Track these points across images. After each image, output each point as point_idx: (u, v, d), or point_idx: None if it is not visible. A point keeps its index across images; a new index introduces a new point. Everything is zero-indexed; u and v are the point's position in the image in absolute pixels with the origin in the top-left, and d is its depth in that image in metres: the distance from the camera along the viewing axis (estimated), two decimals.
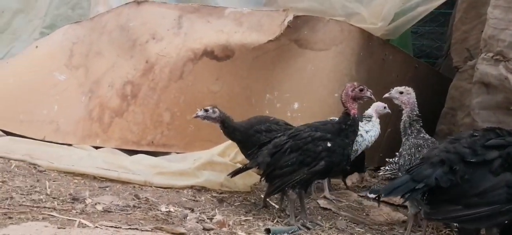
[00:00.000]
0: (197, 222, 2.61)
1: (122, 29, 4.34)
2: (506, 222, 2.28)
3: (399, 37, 5.02)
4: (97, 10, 4.76)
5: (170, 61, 4.12)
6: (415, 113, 2.87)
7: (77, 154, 3.52)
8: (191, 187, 3.20)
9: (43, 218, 2.38)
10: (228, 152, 3.65)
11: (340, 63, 4.16)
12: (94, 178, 3.23)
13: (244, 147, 3.20)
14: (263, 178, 2.91)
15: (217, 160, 3.33)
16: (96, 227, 2.19)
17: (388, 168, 3.07)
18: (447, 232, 2.93)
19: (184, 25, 4.23)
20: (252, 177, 3.32)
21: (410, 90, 2.96)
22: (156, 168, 3.31)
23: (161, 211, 2.69)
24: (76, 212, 2.50)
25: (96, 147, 3.94)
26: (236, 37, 4.13)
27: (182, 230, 2.35)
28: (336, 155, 2.66)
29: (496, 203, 2.19)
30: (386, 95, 3.08)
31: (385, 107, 3.51)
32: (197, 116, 3.16)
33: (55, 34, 4.68)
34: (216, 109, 3.14)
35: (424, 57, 6.20)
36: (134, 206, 2.70)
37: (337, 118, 3.48)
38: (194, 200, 3.00)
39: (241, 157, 3.63)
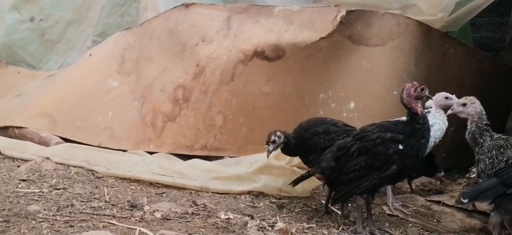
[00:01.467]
0: (258, 230, 2.51)
1: (171, 33, 4.33)
2: None
3: (459, 29, 4.70)
4: (146, 16, 4.80)
5: (220, 63, 4.06)
6: (484, 122, 2.61)
7: (133, 159, 3.53)
8: (248, 192, 3.11)
9: (103, 227, 2.35)
10: (284, 155, 3.51)
11: (397, 58, 3.93)
12: (150, 184, 3.21)
13: (302, 153, 3.06)
14: (326, 184, 2.76)
15: (274, 163, 3.22)
16: None
17: None
18: None
19: (233, 26, 4.16)
20: (311, 182, 3.17)
21: (473, 98, 2.72)
22: (211, 172, 3.24)
23: (220, 218, 2.60)
24: (135, 219, 2.46)
25: (150, 152, 3.94)
26: (287, 36, 4.01)
27: None
28: (409, 158, 2.46)
29: None
30: (449, 112, 2.84)
31: (446, 98, 3.21)
32: (270, 152, 2.99)
33: (106, 42, 4.77)
34: (280, 133, 2.99)
35: (484, 49, 5.79)
36: (192, 213, 2.63)
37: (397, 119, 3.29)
38: (252, 206, 2.90)
39: (297, 159, 3.50)
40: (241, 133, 4.01)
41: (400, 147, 2.45)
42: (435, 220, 3.04)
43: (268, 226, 2.58)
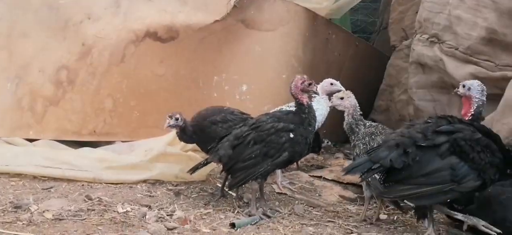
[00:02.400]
0: (157, 221, 2.52)
1: (50, 7, 3.93)
2: (448, 200, 2.49)
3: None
4: None
5: (109, 43, 3.84)
6: (358, 113, 2.93)
7: (11, 151, 3.19)
8: (144, 181, 3.06)
9: None
10: (178, 142, 3.51)
11: (287, 44, 4.17)
12: (34, 178, 2.96)
13: (201, 142, 3.11)
14: (223, 170, 2.87)
15: (170, 151, 3.20)
16: None
17: None
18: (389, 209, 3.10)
19: (123, 4, 3.94)
20: (207, 166, 3.24)
21: (349, 93, 3.00)
22: (104, 162, 3.10)
23: (118, 212, 2.54)
24: (23, 224, 2.26)
25: (31, 140, 3.60)
26: (181, 17, 3.95)
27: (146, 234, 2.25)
28: (298, 145, 2.67)
29: (440, 183, 2.36)
30: (330, 104, 3.13)
31: (332, 84, 3.51)
32: (169, 126, 3.01)
33: None
34: (182, 117, 3.03)
35: (359, 32, 6.40)
36: (87, 209, 2.52)
37: (284, 106, 3.51)
38: (150, 196, 2.88)
39: (191, 145, 3.54)
40: (133, 116, 3.89)
41: (291, 135, 2.65)
42: (317, 194, 3.38)
43: (167, 215, 2.60)
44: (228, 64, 4.07)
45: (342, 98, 2.93)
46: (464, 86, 2.70)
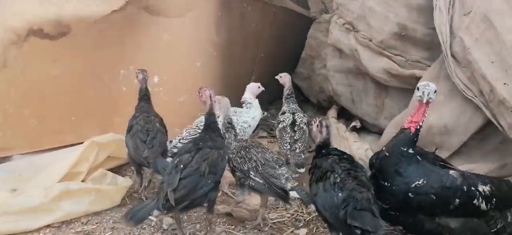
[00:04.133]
0: None
1: None
2: None
3: None
4: None
5: None
6: (227, 119, 2.90)
7: None
8: (48, 226, 2.80)
9: None
10: (87, 155, 3.20)
11: (198, 29, 3.83)
12: None
13: None
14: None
15: (73, 187, 2.88)
16: None
17: None
18: None
19: None
20: (120, 191, 3.06)
21: (220, 98, 2.94)
22: None
23: None
24: None
25: None
26: (69, 9, 3.40)
27: None
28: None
29: None
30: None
31: (259, 87, 3.56)
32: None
33: None
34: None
35: None
36: None
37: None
38: None
39: (102, 157, 3.27)
40: (29, 126, 3.48)
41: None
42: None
43: None
44: (134, 55, 3.67)
45: (215, 101, 2.91)
46: (435, 92, 2.25)
